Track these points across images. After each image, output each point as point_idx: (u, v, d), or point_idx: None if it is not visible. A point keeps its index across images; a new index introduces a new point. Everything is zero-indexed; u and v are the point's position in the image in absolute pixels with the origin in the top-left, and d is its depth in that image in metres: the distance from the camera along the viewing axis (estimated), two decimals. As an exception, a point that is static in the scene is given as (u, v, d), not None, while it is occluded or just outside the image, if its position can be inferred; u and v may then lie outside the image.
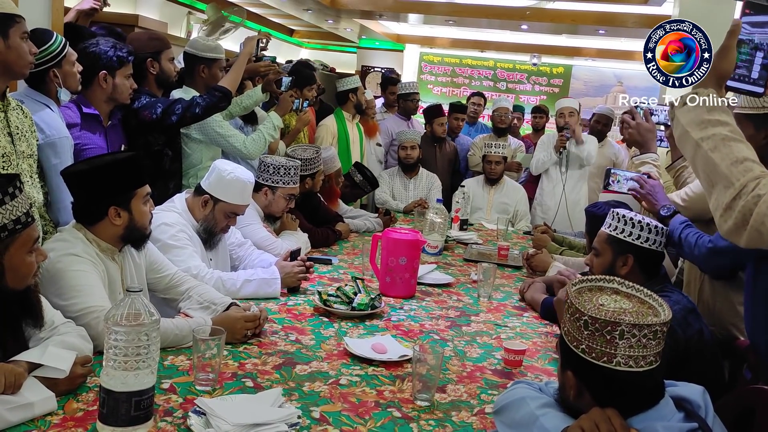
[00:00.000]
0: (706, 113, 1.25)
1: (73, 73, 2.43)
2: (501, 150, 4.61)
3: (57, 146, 2.32)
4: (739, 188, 1.12)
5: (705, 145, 1.21)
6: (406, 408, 1.62)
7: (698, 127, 1.24)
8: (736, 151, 1.18)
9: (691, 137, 1.24)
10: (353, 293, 2.35)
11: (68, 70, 2.40)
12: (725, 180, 1.14)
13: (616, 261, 2.06)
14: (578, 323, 1.18)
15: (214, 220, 2.49)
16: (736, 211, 1.11)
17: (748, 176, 1.13)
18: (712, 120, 1.23)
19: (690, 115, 1.27)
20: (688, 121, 1.26)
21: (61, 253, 1.78)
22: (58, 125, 2.36)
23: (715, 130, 1.22)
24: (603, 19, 7.02)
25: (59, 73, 2.37)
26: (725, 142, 1.19)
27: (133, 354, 1.30)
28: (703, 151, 1.20)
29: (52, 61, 2.35)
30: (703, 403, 1.22)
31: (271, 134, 3.35)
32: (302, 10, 7.89)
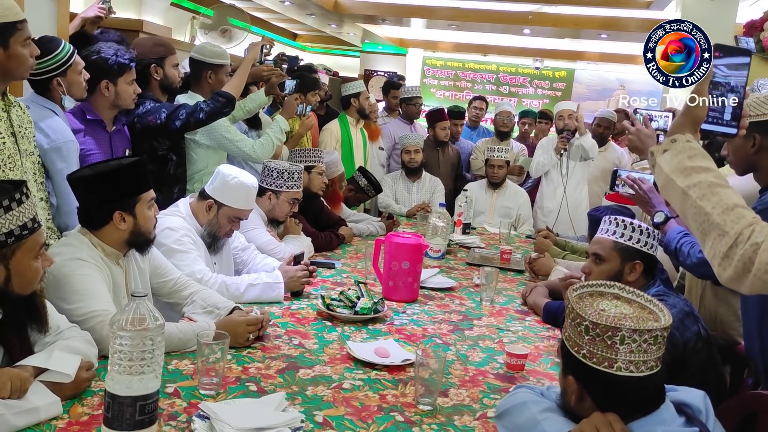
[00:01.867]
0: (688, 160, 1.24)
1: (79, 82, 2.44)
2: (504, 154, 4.62)
3: (63, 151, 2.34)
4: (734, 236, 1.12)
5: (693, 193, 1.20)
6: (409, 412, 1.63)
7: (682, 175, 1.23)
8: (725, 198, 1.18)
9: (676, 185, 1.24)
10: (356, 297, 2.36)
11: (73, 79, 2.42)
12: (718, 228, 1.13)
13: (623, 268, 2.07)
14: (579, 328, 1.19)
15: (218, 224, 2.50)
16: (735, 260, 1.10)
17: (742, 223, 1.12)
18: (696, 167, 1.23)
19: (672, 162, 1.26)
20: (671, 169, 1.26)
21: (67, 258, 1.80)
22: (63, 130, 2.38)
23: (699, 177, 1.21)
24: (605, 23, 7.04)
25: (64, 82, 2.39)
26: (712, 189, 1.19)
27: (138, 358, 1.30)
28: (691, 200, 1.20)
29: (57, 71, 2.37)
30: (704, 408, 1.23)
31: (279, 137, 3.37)
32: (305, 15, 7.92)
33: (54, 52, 2.37)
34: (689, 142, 1.27)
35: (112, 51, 2.60)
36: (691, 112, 1.33)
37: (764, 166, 1.98)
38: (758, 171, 2.01)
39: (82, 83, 2.46)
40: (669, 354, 1.78)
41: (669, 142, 1.30)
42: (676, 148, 1.27)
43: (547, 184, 4.81)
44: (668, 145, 1.29)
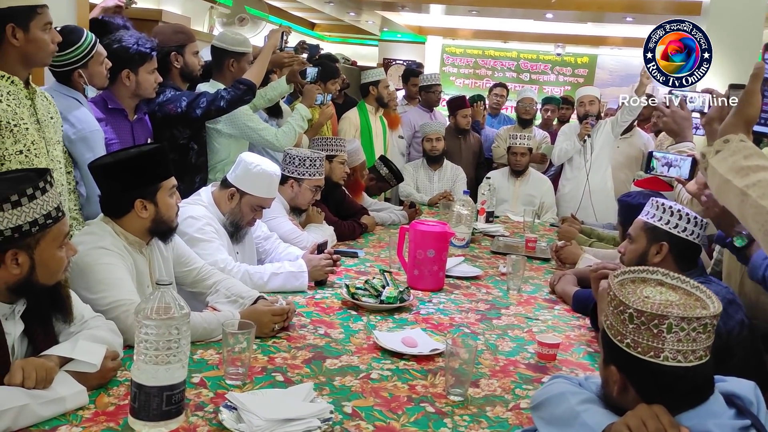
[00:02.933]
0: (744, 160, 1.19)
1: (100, 72, 2.42)
2: (526, 141, 4.55)
3: (89, 140, 2.33)
4: None
5: (752, 192, 1.15)
6: (440, 403, 1.58)
7: (739, 175, 1.18)
8: None
9: (733, 186, 1.18)
10: (381, 286, 2.32)
11: (95, 70, 2.40)
12: None
13: (649, 248, 2.00)
14: (622, 316, 1.13)
15: (241, 213, 2.48)
16: None
17: None
18: (752, 166, 1.17)
19: (727, 163, 1.21)
20: (726, 170, 1.20)
21: (90, 247, 1.78)
22: (88, 119, 2.36)
23: (759, 175, 1.16)
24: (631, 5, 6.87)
25: (85, 73, 2.37)
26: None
27: (164, 348, 1.28)
28: (751, 200, 1.14)
29: (79, 62, 2.35)
30: (755, 399, 1.17)
31: (301, 125, 3.34)
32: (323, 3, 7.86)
33: (76, 44, 2.35)
34: (743, 142, 1.21)
35: (133, 40, 2.57)
36: (743, 112, 1.27)
37: None
38: None
39: (104, 73, 2.44)
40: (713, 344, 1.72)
41: (721, 143, 1.23)
42: (730, 149, 1.21)
43: (570, 170, 4.73)
44: (721, 146, 1.23)
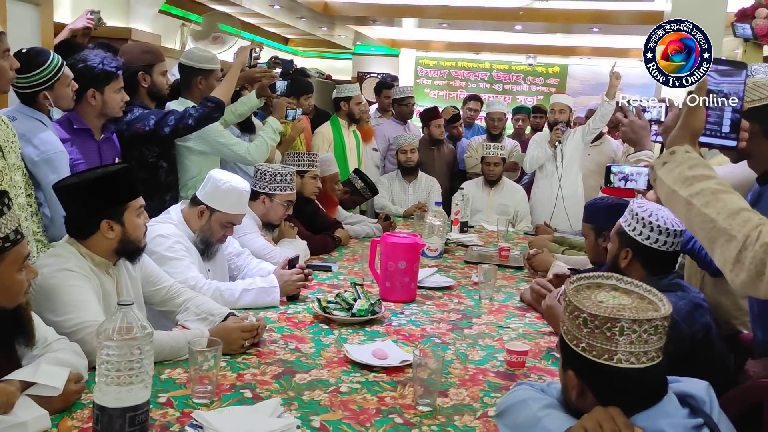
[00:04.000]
0: (689, 170, 1.23)
1: (66, 94, 2.41)
2: (499, 151, 4.60)
3: (53, 162, 2.31)
4: (742, 240, 1.09)
5: (696, 201, 1.18)
6: (408, 414, 1.59)
7: (684, 185, 1.22)
8: (729, 203, 1.16)
9: (679, 196, 1.22)
10: (353, 299, 2.32)
11: (61, 92, 2.39)
12: (726, 234, 1.11)
13: (620, 252, 2.05)
14: (577, 321, 1.16)
15: (211, 230, 2.47)
16: (746, 263, 1.08)
17: (749, 226, 1.10)
18: (697, 175, 1.21)
19: (673, 173, 1.25)
20: (673, 180, 1.24)
21: (54, 269, 1.76)
22: (52, 141, 2.35)
23: (702, 185, 1.20)
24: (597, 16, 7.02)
25: (51, 95, 2.36)
26: (716, 195, 1.17)
27: (126, 368, 1.27)
28: (696, 209, 1.18)
29: (45, 85, 2.34)
30: (707, 399, 1.20)
31: (273, 138, 3.35)
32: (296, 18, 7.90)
33: (41, 66, 2.33)
34: (688, 153, 1.25)
35: (98, 59, 2.57)
36: (688, 125, 1.31)
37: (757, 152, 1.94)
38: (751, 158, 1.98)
39: (70, 95, 2.43)
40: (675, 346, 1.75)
41: (668, 155, 1.28)
42: (675, 160, 1.25)
43: (542, 178, 4.80)
44: (668, 158, 1.27)
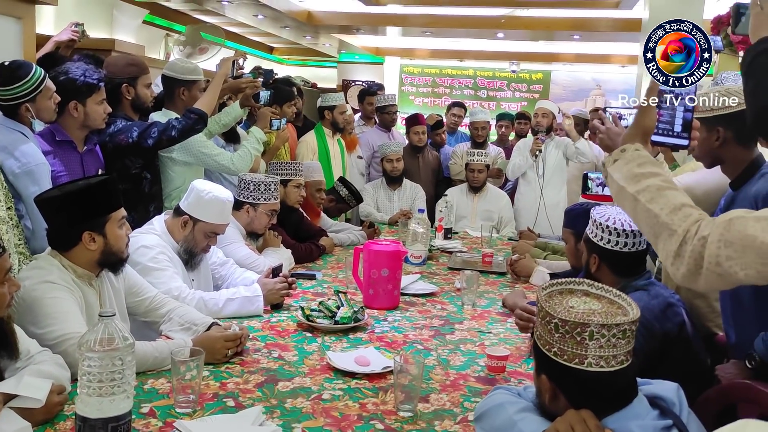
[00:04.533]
0: (637, 167, 1.26)
1: (48, 107, 2.42)
2: (483, 158, 4.64)
3: (35, 174, 2.32)
4: (682, 234, 1.13)
5: (642, 197, 1.22)
6: (389, 420, 1.62)
7: (632, 181, 1.25)
8: (672, 198, 1.19)
9: (627, 192, 1.25)
10: (336, 307, 2.35)
11: (43, 105, 2.40)
12: (668, 228, 1.15)
13: (589, 259, 2.10)
14: (549, 326, 1.19)
15: (194, 240, 2.49)
16: (686, 257, 1.11)
17: (689, 221, 1.14)
18: (645, 173, 1.25)
19: (622, 171, 1.28)
20: (621, 177, 1.28)
21: (37, 281, 1.77)
22: (34, 153, 2.35)
23: (648, 181, 1.23)
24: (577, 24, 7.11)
25: (33, 107, 2.36)
26: (660, 191, 1.21)
27: (108, 379, 1.29)
28: (641, 205, 1.22)
29: (27, 97, 2.35)
30: (677, 400, 1.23)
31: (256, 148, 3.37)
32: (280, 28, 7.92)
33: (23, 79, 2.34)
34: (638, 151, 1.29)
35: (80, 71, 2.58)
36: (640, 124, 1.35)
37: (730, 158, 2.00)
38: (725, 163, 2.03)
39: (52, 108, 2.44)
40: (647, 344, 1.80)
41: (619, 152, 1.32)
42: (625, 158, 1.29)
43: (525, 185, 4.87)
44: (618, 155, 1.31)
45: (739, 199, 1.96)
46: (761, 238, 1.04)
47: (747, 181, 1.95)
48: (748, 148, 1.98)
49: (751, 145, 1.99)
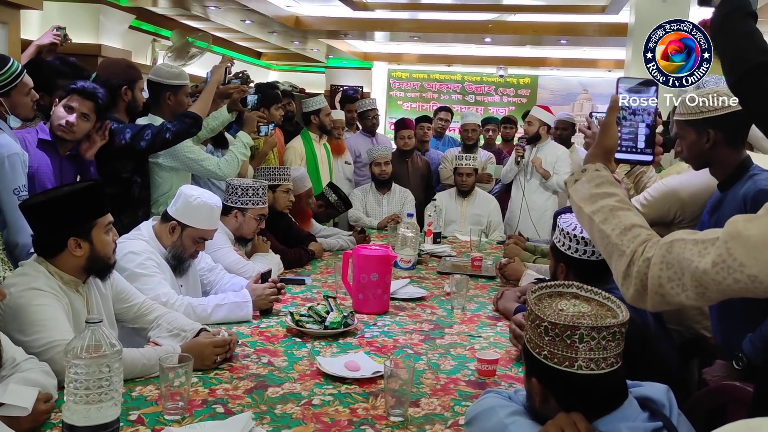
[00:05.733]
0: (595, 188, 1.27)
1: (25, 102, 2.39)
2: (472, 162, 4.66)
3: (6, 163, 2.28)
4: (630, 255, 1.13)
5: (596, 218, 1.22)
6: (380, 425, 1.61)
7: (589, 202, 1.26)
8: (624, 219, 1.19)
9: (584, 213, 1.26)
10: (325, 312, 2.34)
11: (18, 100, 2.37)
12: (618, 249, 1.15)
13: (556, 268, 2.08)
14: (539, 329, 1.19)
15: (183, 246, 2.47)
16: (633, 278, 1.12)
17: (637, 242, 1.14)
18: (600, 193, 1.25)
19: (581, 192, 1.29)
20: (580, 198, 1.28)
21: (22, 288, 1.75)
22: (6, 143, 2.30)
23: (603, 202, 1.23)
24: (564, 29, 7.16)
25: (6, 102, 2.34)
26: (613, 212, 1.21)
27: (95, 387, 1.27)
28: (596, 225, 1.22)
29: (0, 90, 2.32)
30: (667, 402, 1.24)
31: (243, 152, 3.35)
32: (268, 33, 7.92)
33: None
34: (598, 171, 1.29)
35: None
36: (601, 143, 1.34)
37: (719, 160, 2.02)
38: (713, 165, 2.05)
39: (29, 104, 2.41)
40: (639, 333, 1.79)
41: (580, 172, 1.31)
42: (585, 178, 1.29)
43: (514, 190, 4.95)
44: (579, 175, 1.31)
45: (728, 200, 1.98)
46: (696, 263, 1.03)
47: (735, 182, 1.97)
48: (737, 150, 2.00)
49: (739, 147, 2.01)
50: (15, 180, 2.24)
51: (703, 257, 1.03)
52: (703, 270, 1.02)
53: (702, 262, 1.03)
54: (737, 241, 1.00)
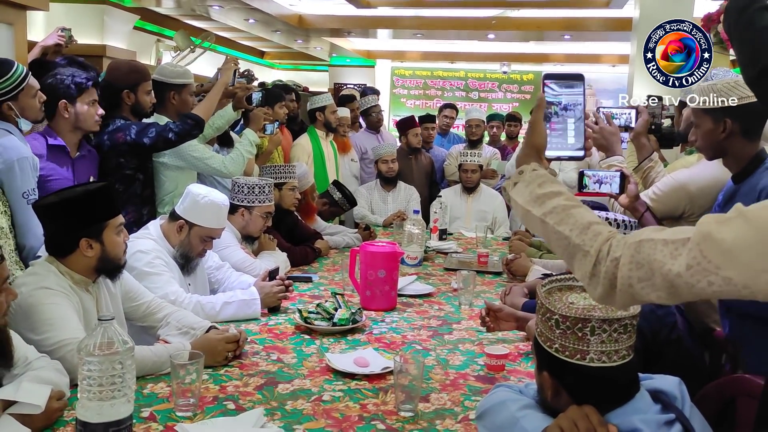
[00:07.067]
0: (539, 188, 1.22)
1: (33, 105, 2.40)
2: (476, 158, 4.65)
3: (16, 167, 2.28)
4: (595, 255, 1.10)
5: (550, 220, 1.18)
6: (390, 420, 1.61)
7: (537, 204, 1.21)
8: (579, 218, 1.16)
9: (534, 216, 1.21)
10: (333, 309, 2.34)
11: (26, 103, 2.37)
12: (580, 249, 1.12)
13: None
14: (549, 323, 1.19)
15: (190, 244, 2.48)
16: (601, 277, 1.08)
17: (600, 240, 1.11)
18: (547, 193, 1.21)
19: (525, 194, 1.24)
20: (525, 201, 1.23)
21: (33, 288, 1.76)
22: (17, 147, 2.31)
23: (553, 202, 1.20)
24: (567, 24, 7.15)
25: (15, 106, 2.35)
26: (566, 211, 1.18)
27: (108, 383, 1.28)
28: (550, 227, 1.18)
29: (8, 95, 2.32)
30: (679, 394, 1.24)
31: (249, 150, 3.35)
32: (271, 32, 7.93)
33: (4, 76, 2.31)
34: (536, 171, 1.25)
35: (69, 72, 2.58)
36: (531, 142, 1.29)
37: (734, 151, 1.98)
38: (728, 156, 2.02)
39: (37, 106, 2.42)
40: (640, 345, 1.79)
41: (517, 175, 1.27)
42: (525, 179, 1.24)
43: None
44: (517, 178, 1.26)
45: (743, 192, 1.95)
46: (669, 265, 1.01)
47: (750, 174, 1.94)
48: (753, 142, 1.97)
49: (755, 139, 1.97)
50: (24, 183, 2.25)
51: (676, 259, 1.01)
52: (676, 273, 1.00)
53: (675, 264, 1.01)
54: (709, 244, 0.98)
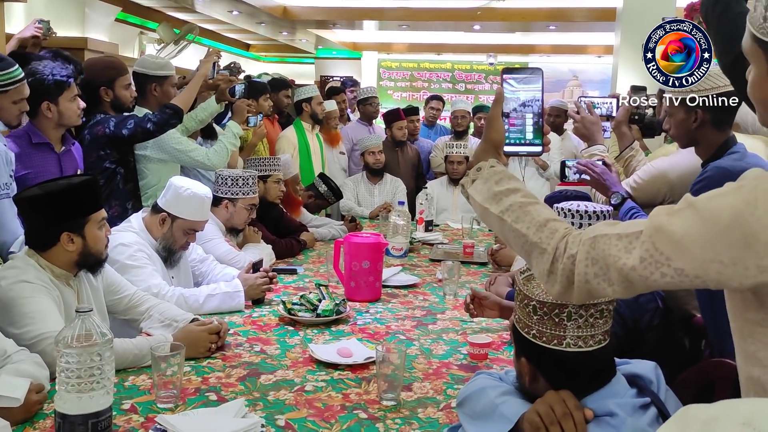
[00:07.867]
0: (496, 185, 1.21)
1: (12, 110, 2.34)
2: (462, 150, 4.66)
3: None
4: (552, 252, 1.10)
5: (507, 218, 1.18)
6: (372, 409, 1.62)
7: (494, 201, 1.20)
8: (536, 215, 1.16)
9: (491, 213, 1.21)
10: (317, 300, 2.34)
11: (6, 105, 2.33)
12: (537, 247, 1.12)
13: None
14: (527, 309, 1.20)
15: (173, 237, 2.46)
16: (558, 275, 1.09)
17: (556, 237, 1.11)
18: (504, 190, 1.20)
19: (483, 191, 1.23)
20: (483, 198, 1.22)
21: (12, 281, 1.75)
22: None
23: (510, 200, 1.19)
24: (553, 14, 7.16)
25: None
26: (523, 209, 1.17)
27: (87, 375, 1.27)
28: (508, 224, 1.18)
29: None
30: (655, 378, 1.25)
31: (233, 142, 3.34)
32: (256, 24, 7.88)
33: None
34: (493, 167, 1.23)
35: (48, 70, 2.53)
36: (489, 138, 1.29)
37: (705, 140, 2.05)
38: (699, 145, 2.08)
39: (16, 113, 2.36)
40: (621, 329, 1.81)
41: (475, 171, 1.25)
42: (483, 176, 1.23)
43: None
44: (475, 175, 1.25)
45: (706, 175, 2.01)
46: (624, 260, 1.02)
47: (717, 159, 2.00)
48: (722, 131, 2.02)
49: (725, 128, 2.03)
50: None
51: (630, 253, 1.02)
52: (631, 266, 1.01)
53: (630, 258, 1.01)
54: (661, 235, 0.99)
